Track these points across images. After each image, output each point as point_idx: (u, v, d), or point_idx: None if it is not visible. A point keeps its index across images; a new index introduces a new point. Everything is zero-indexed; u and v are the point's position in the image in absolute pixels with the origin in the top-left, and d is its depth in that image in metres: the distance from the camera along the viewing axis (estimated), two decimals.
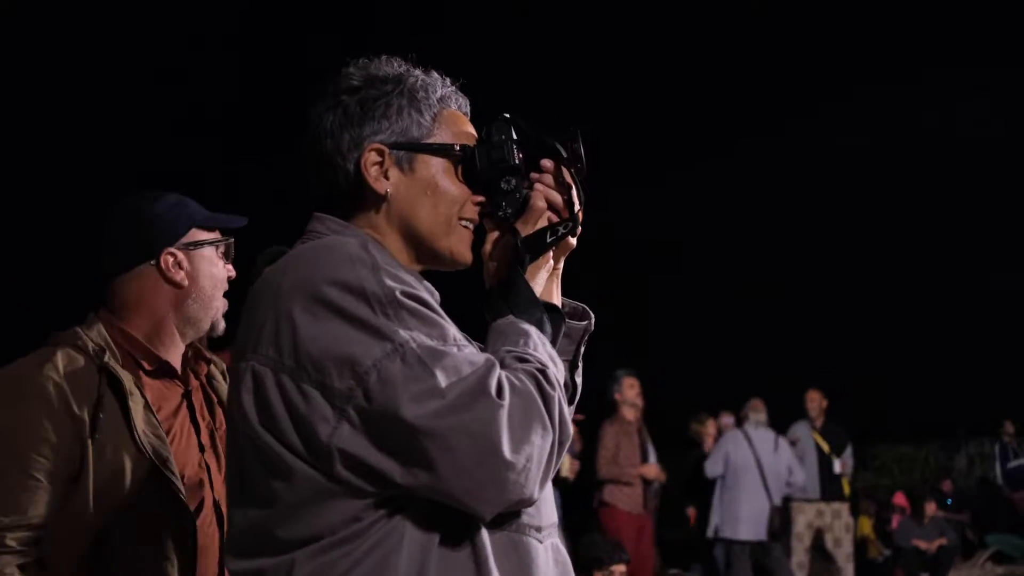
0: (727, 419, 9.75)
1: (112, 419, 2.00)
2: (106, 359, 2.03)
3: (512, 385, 1.44)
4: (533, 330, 1.59)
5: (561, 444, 1.49)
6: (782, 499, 8.85)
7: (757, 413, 8.92)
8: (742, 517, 8.64)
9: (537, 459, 1.44)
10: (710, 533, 8.84)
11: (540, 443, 1.44)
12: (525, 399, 1.44)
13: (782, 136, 15.48)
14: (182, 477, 2.05)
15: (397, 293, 1.47)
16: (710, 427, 9.74)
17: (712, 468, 8.85)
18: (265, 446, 1.47)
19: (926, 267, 15.89)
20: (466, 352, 1.48)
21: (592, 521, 8.21)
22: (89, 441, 1.97)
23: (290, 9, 13.62)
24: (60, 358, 2.01)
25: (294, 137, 1.74)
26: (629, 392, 8.17)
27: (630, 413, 8.20)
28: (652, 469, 8.08)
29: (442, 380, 1.41)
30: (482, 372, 1.44)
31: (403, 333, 1.44)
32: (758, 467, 8.66)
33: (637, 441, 8.14)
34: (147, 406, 2.06)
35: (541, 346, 1.57)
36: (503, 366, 1.49)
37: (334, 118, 1.66)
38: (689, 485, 9.50)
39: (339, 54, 1.77)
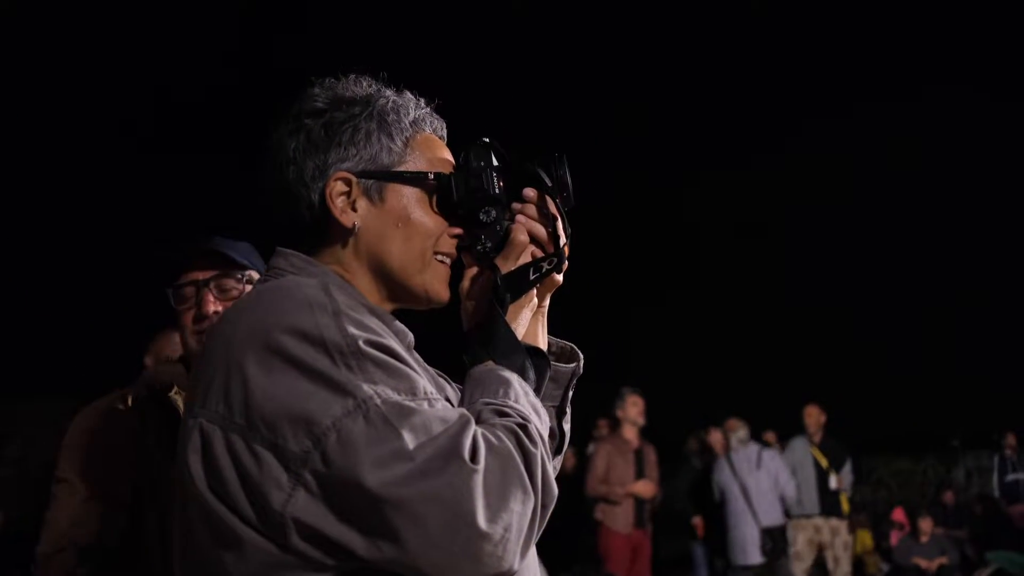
0: (716, 435, 9.62)
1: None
2: (172, 394, 2.19)
3: (489, 444, 1.30)
4: (514, 378, 1.45)
5: (544, 507, 1.35)
6: (783, 517, 8.75)
7: (735, 432, 8.86)
8: (736, 543, 8.63)
9: (517, 527, 1.29)
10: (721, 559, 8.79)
11: (520, 509, 1.30)
12: (503, 460, 1.30)
13: (779, 153, 15.39)
14: None
15: (360, 342, 1.33)
16: (693, 445, 9.67)
17: (715, 497, 8.81)
18: (213, 512, 1.32)
19: (922, 279, 15.80)
20: (437, 408, 1.33)
21: (588, 539, 8.06)
22: (162, 466, 2.08)
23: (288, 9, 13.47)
24: (134, 393, 2.21)
25: None
26: (632, 410, 8.03)
27: (629, 431, 8.06)
28: (643, 486, 7.93)
29: (409, 441, 1.27)
30: (455, 431, 1.29)
31: (366, 388, 1.29)
32: (741, 490, 8.60)
33: (632, 459, 7.99)
34: None
35: (523, 396, 1.43)
36: (480, 421, 1.35)
37: (296, 144, 1.51)
38: (692, 500, 9.40)
39: (343, 60, 1.64)
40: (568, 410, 1.64)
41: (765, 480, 8.64)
